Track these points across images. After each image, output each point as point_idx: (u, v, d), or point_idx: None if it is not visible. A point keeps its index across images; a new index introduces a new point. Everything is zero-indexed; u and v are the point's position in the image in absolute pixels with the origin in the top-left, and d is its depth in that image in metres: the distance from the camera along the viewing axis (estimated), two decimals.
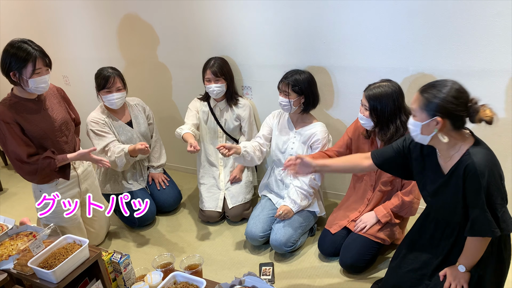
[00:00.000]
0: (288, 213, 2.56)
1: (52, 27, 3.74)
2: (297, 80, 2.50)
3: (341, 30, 2.58)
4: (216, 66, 2.84)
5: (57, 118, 2.44)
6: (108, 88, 2.74)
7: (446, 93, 1.57)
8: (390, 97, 2.15)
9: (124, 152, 2.65)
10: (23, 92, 2.31)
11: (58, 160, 2.35)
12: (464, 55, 2.33)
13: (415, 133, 1.68)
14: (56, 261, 1.84)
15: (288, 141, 2.66)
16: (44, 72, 2.24)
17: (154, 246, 2.86)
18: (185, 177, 3.76)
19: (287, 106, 2.54)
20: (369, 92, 2.18)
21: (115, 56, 3.56)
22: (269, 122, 2.77)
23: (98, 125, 2.81)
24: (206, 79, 2.88)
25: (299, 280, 2.41)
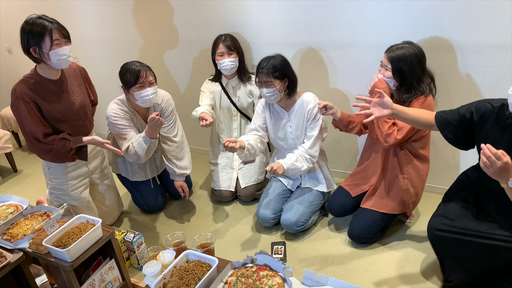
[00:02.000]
0: (278, 169, 2.35)
1: (62, 8, 3.72)
2: (275, 66, 2.37)
3: (353, 6, 2.52)
4: (228, 39, 2.80)
5: (75, 102, 2.44)
6: (141, 83, 2.46)
7: None
8: (414, 57, 2.13)
9: (142, 137, 2.48)
10: (46, 70, 2.30)
11: (73, 142, 2.36)
12: (482, 29, 2.25)
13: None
14: (70, 240, 1.86)
15: (285, 126, 2.58)
16: (63, 43, 2.23)
17: (167, 225, 2.88)
18: (197, 157, 3.76)
19: (274, 95, 2.42)
20: (391, 54, 2.15)
21: (123, 36, 3.54)
22: (259, 111, 2.65)
23: (122, 119, 2.58)
24: (219, 54, 2.82)
25: (311, 259, 2.41)
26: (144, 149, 2.50)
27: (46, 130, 2.33)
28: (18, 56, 4.36)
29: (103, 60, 2.86)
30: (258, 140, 2.59)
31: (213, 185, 3.07)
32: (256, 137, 2.60)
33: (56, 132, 2.39)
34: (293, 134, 2.57)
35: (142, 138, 2.49)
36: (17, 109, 2.28)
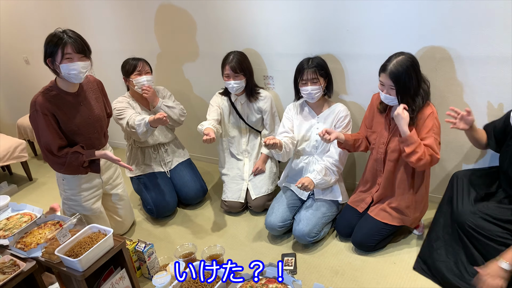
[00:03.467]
0: (309, 184, 2.44)
1: (76, 20, 3.79)
2: (320, 64, 2.50)
3: (365, 17, 2.52)
4: (235, 62, 2.81)
5: (92, 115, 2.48)
6: (138, 71, 2.83)
7: None
8: (411, 70, 2.14)
9: (145, 121, 2.67)
10: (64, 83, 2.34)
11: (86, 155, 2.40)
12: (494, 40, 2.24)
13: None
14: (82, 250, 1.88)
15: (312, 127, 2.63)
16: (76, 59, 2.24)
17: (178, 235, 2.90)
18: (209, 167, 3.78)
19: (318, 93, 2.51)
20: (390, 70, 2.14)
21: (137, 48, 3.59)
22: (288, 116, 2.73)
23: (121, 103, 2.88)
24: (225, 75, 2.85)
25: (322, 270, 2.40)
26: (142, 130, 2.71)
27: (61, 142, 2.37)
28: (35, 67, 4.45)
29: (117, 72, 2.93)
30: (289, 140, 2.62)
31: (223, 196, 3.08)
32: (288, 138, 2.63)
33: (71, 145, 2.42)
34: (318, 136, 2.58)
35: (144, 122, 2.68)
36: (35, 120, 2.32)
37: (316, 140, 2.61)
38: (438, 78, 2.46)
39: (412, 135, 2.16)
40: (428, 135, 2.19)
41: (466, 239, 2.11)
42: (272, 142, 2.41)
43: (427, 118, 2.20)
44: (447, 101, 2.50)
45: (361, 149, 2.52)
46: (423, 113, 2.22)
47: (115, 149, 3.02)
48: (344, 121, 2.56)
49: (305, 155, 2.71)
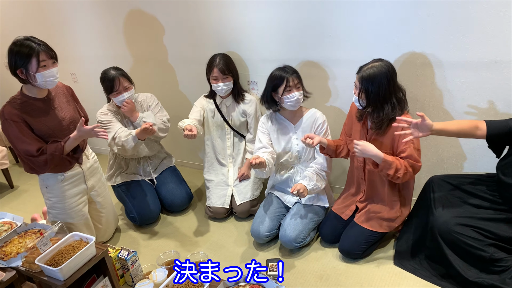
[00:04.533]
0: (303, 191, 2.42)
1: (59, 26, 3.75)
2: (296, 70, 2.51)
3: (346, 23, 2.55)
4: (222, 63, 2.81)
5: (65, 117, 2.45)
6: (117, 91, 2.75)
7: None
8: (384, 76, 2.14)
9: (132, 135, 2.65)
10: (32, 90, 2.32)
11: (64, 140, 2.36)
12: (473, 46, 2.28)
13: None
14: (63, 259, 1.86)
15: (291, 139, 2.62)
16: (50, 65, 2.24)
17: (161, 242, 2.87)
18: (193, 173, 3.76)
19: (302, 97, 2.51)
20: (362, 74, 2.17)
21: (120, 53, 3.57)
22: (263, 130, 2.68)
23: (107, 116, 2.83)
24: (213, 78, 2.85)
25: (306, 275, 2.40)
26: (131, 145, 2.69)
27: (40, 144, 2.33)
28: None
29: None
30: (270, 155, 2.60)
31: (208, 202, 3.06)
32: (267, 153, 2.60)
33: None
34: (299, 146, 2.59)
35: (131, 136, 2.66)
36: (7, 130, 2.29)
37: (297, 151, 2.61)
38: (418, 84, 2.50)
39: (386, 158, 2.16)
40: (407, 145, 2.19)
41: (443, 242, 2.15)
42: (259, 161, 2.39)
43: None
44: (428, 106, 2.54)
45: (342, 155, 2.53)
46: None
47: (98, 155, 2.98)
48: (322, 127, 2.56)
49: (288, 166, 2.71)
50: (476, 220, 2.12)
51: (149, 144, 3.05)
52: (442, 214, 2.19)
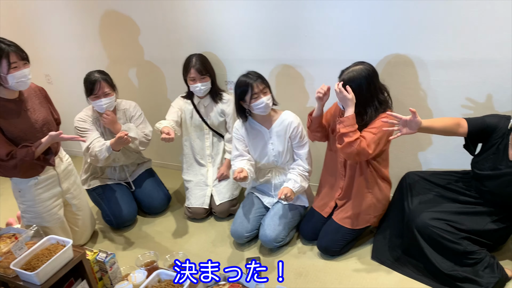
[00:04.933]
0: (291, 194, 2.41)
1: (32, 26, 3.69)
2: (260, 75, 2.46)
3: (322, 23, 2.58)
4: (199, 64, 2.80)
5: (38, 119, 2.40)
6: (95, 94, 2.68)
7: None
8: (364, 79, 2.16)
9: (106, 146, 2.61)
10: (3, 92, 2.26)
11: (34, 145, 2.31)
12: (443, 45, 2.34)
13: None
14: (39, 263, 1.83)
15: (266, 143, 2.60)
16: (21, 66, 2.20)
17: (140, 244, 2.85)
18: (172, 174, 3.74)
19: (271, 102, 2.47)
20: (343, 77, 2.19)
21: (96, 54, 3.53)
22: (238, 136, 2.65)
23: (85, 123, 2.76)
24: (190, 79, 2.84)
25: (286, 273, 2.42)
26: (104, 156, 2.65)
27: (10, 148, 2.26)
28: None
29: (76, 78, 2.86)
30: (249, 164, 2.58)
31: (187, 202, 3.06)
32: (245, 161, 2.59)
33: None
34: (275, 151, 2.59)
35: (105, 146, 2.62)
36: None
37: (274, 155, 2.61)
38: (393, 83, 2.54)
39: (352, 118, 2.16)
40: (371, 130, 2.21)
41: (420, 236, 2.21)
42: (243, 176, 2.39)
43: (378, 119, 2.21)
44: (404, 104, 2.59)
45: (319, 134, 2.49)
46: (378, 117, 2.23)
47: (73, 158, 2.93)
48: (298, 131, 2.54)
49: (267, 169, 2.71)
50: (451, 214, 2.18)
51: (127, 154, 2.99)
52: (418, 208, 2.24)
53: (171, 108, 3.00)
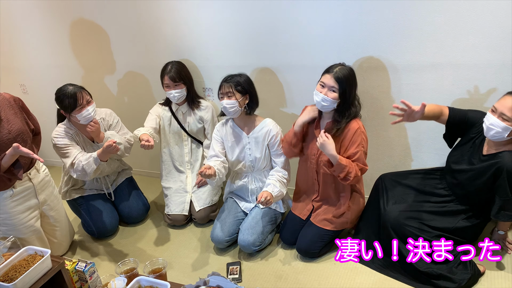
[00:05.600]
0: (270, 198, 2.42)
1: (4, 36, 3.64)
2: (238, 81, 2.49)
3: (296, 30, 2.64)
4: (173, 71, 2.82)
5: (12, 130, 2.36)
6: (81, 105, 2.55)
7: None
8: (354, 78, 2.29)
9: (93, 157, 2.54)
10: None
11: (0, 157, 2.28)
12: (414, 50, 2.43)
13: (499, 135, 1.99)
14: (17, 274, 1.82)
15: (244, 148, 2.64)
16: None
17: (120, 252, 2.84)
18: (151, 181, 3.74)
19: (234, 107, 2.49)
20: (338, 74, 2.23)
21: (71, 62, 3.50)
22: (217, 137, 2.71)
23: (64, 138, 2.66)
24: (165, 85, 2.86)
25: (266, 276, 2.45)
26: (93, 168, 2.58)
27: None
28: None
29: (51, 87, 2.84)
30: (221, 165, 2.61)
31: (166, 210, 3.06)
32: (219, 162, 2.62)
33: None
34: (251, 156, 2.63)
35: (92, 158, 2.55)
36: None
37: (250, 161, 2.65)
38: (365, 86, 2.62)
39: (341, 161, 2.27)
40: (358, 149, 2.31)
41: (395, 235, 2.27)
42: (209, 173, 2.41)
43: (355, 133, 2.31)
44: (376, 108, 2.67)
45: (296, 149, 2.54)
46: (350, 127, 2.32)
47: (51, 168, 2.91)
48: (276, 139, 2.58)
49: (243, 174, 2.75)
50: (424, 213, 2.26)
51: (109, 162, 2.93)
52: (393, 209, 2.31)
53: (150, 115, 3.01)
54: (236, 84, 2.48)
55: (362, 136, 2.32)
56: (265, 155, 2.61)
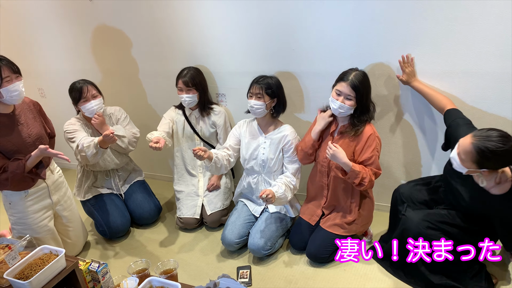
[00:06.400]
0: (272, 197, 2.41)
1: (26, 41, 3.73)
2: (269, 84, 2.55)
3: (309, 37, 2.66)
4: (188, 77, 2.88)
5: (31, 134, 2.44)
6: (84, 98, 2.74)
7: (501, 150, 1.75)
8: (367, 84, 2.31)
9: (94, 142, 2.62)
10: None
11: (25, 159, 2.35)
12: (425, 58, 2.43)
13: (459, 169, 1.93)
14: (33, 272, 1.86)
15: (259, 147, 2.69)
16: (14, 79, 2.26)
17: (132, 254, 2.88)
18: (163, 185, 3.78)
19: (261, 109, 2.56)
20: (354, 82, 2.26)
21: (89, 67, 3.58)
22: (235, 132, 2.78)
23: (74, 125, 2.82)
24: (179, 89, 2.92)
25: (276, 281, 2.47)
26: (92, 152, 2.64)
27: (2, 161, 2.32)
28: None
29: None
30: (226, 157, 2.66)
31: (178, 213, 3.09)
32: (225, 154, 2.68)
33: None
34: (264, 156, 2.65)
35: (93, 143, 2.62)
36: None
37: (262, 160, 2.68)
38: (377, 93, 2.63)
39: (355, 167, 2.29)
40: (373, 153, 2.34)
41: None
42: (199, 154, 2.44)
43: (369, 138, 2.34)
44: (387, 114, 2.68)
45: (313, 156, 2.58)
46: (364, 132, 2.35)
47: (66, 171, 2.98)
48: (291, 146, 2.61)
49: (254, 174, 2.77)
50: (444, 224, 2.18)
51: (118, 156, 3.05)
52: (413, 216, 2.25)
53: (163, 119, 3.06)
54: (267, 87, 2.54)
55: (377, 141, 2.35)
56: (277, 157, 2.64)
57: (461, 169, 1.92)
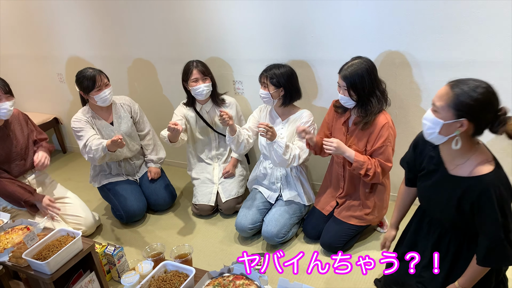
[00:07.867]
0: (272, 134, 2.40)
1: (46, 26, 3.77)
2: (275, 74, 2.54)
3: (328, 24, 2.63)
4: (201, 65, 2.87)
5: (18, 144, 2.68)
6: (98, 87, 2.75)
7: (481, 94, 1.43)
8: (365, 71, 2.22)
9: (102, 146, 2.64)
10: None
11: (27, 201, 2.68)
12: (449, 47, 2.37)
13: (431, 131, 1.55)
14: (50, 253, 1.89)
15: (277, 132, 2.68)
16: (4, 99, 2.52)
17: (148, 238, 2.91)
18: (178, 171, 3.81)
19: (267, 98, 2.59)
20: (344, 72, 2.24)
21: (107, 54, 3.60)
22: (256, 115, 2.81)
23: (79, 123, 2.83)
24: (193, 80, 2.86)
25: (289, 269, 2.46)
26: (99, 155, 2.70)
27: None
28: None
29: None
30: (246, 135, 2.68)
31: (194, 199, 3.11)
32: (246, 134, 2.70)
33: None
34: (282, 141, 2.63)
35: (101, 146, 2.65)
36: None
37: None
38: (397, 83, 2.59)
39: (358, 158, 2.27)
40: (384, 144, 2.28)
41: None
42: (226, 118, 2.43)
43: (383, 128, 2.27)
44: (408, 105, 2.63)
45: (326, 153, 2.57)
46: (378, 122, 2.29)
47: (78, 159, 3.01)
48: (306, 124, 2.58)
49: (269, 159, 2.77)
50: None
51: (129, 144, 3.05)
52: None
53: (175, 116, 3.04)
54: (271, 76, 2.54)
55: (390, 131, 2.28)
56: (293, 142, 2.63)
57: (434, 128, 1.55)
